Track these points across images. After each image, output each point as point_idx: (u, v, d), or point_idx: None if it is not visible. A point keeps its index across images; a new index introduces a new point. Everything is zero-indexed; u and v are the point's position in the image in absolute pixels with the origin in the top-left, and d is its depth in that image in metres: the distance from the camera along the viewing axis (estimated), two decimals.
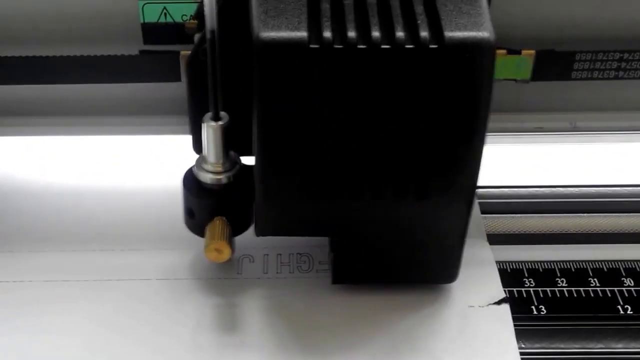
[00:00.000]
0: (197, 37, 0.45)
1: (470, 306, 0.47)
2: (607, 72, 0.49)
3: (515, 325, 0.46)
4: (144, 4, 0.47)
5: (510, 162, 0.59)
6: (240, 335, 0.45)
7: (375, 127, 0.40)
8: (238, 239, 0.46)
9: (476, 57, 0.38)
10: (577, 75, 0.49)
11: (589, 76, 0.49)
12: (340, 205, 0.43)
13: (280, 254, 0.50)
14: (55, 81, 0.48)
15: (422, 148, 0.40)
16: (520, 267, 0.50)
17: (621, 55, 0.48)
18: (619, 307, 0.48)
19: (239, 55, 0.42)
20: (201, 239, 0.45)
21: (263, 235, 0.45)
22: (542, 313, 0.47)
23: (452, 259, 0.46)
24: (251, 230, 0.46)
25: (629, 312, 0.47)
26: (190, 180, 0.45)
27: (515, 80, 0.49)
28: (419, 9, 0.39)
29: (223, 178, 0.44)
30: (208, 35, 0.40)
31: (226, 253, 0.44)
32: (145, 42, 0.48)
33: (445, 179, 0.42)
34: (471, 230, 0.46)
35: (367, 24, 0.39)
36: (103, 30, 0.47)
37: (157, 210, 0.52)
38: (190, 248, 0.49)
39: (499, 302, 0.47)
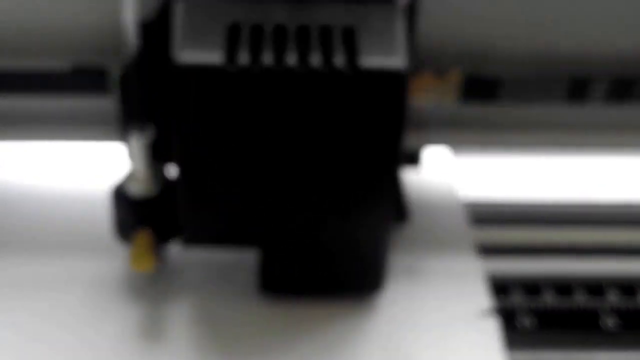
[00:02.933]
0: None
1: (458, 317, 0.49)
2: (532, 94, 0.50)
3: (503, 337, 0.47)
4: None
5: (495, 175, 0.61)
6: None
7: (293, 148, 0.41)
8: None
9: (388, 84, 0.40)
10: (504, 98, 0.50)
11: (516, 98, 0.50)
12: (261, 220, 0.44)
13: None
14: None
15: (341, 169, 0.42)
16: (508, 279, 0.52)
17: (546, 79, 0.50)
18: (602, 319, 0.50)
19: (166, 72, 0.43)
20: None
21: (190, 246, 0.46)
22: (529, 324, 0.49)
23: (376, 269, 0.47)
24: None
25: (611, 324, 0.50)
26: (118, 192, 0.46)
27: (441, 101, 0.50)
28: (337, 36, 0.41)
29: (150, 191, 0.46)
30: (132, 55, 0.41)
31: (150, 263, 0.45)
32: None
33: (364, 196, 0.43)
34: (459, 242, 0.50)
35: (284, 50, 0.40)
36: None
37: (90, 216, 0.53)
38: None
39: (484, 313, 0.49)
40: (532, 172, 0.61)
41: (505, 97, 0.51)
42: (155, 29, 0.43)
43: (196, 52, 0.40)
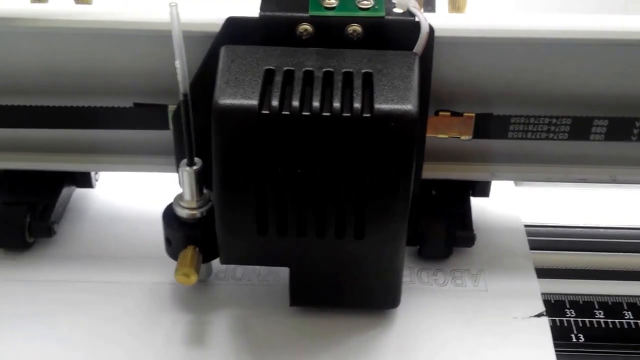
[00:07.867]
0: None
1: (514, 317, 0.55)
2: (539, 133, 0.56)
3: (556, 352, 0.53)
4: None
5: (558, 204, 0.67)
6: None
7: (317, 181, 0.47)
8: None
9: (400, 125, 0.46)
10: (512, 136, 0.56)
11: (523, 137, 0.56)
12: (289, 242, 0.50)
13: None
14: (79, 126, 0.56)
15: (358, 198, 0.48)
16: (563, 299, 0.58)
17: (550, 119, 0.55)
18: None
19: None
20: None
21: (227, 264, 0.53)
22: (580, 341, 0.54)
23: (391, 288, 0.53)
24: None
25: None
26: (169, 214, 0.53)
27: (459, 137, 0.56)
28: (358, 82, 0.47)
29: (197, 213, 0.52)
30: (181, 98, 0.48)
31: (193, 278, 0.51)
32: None
33: (378, 224, 0.49)
34: (521, 264, 0.57)
35: (310, 94, 0.46)
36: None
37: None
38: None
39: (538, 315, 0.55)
40: (583, 202, 0.67)
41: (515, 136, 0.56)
42: (204, 73, 0.50)
43: (234, 97, 0.46)
